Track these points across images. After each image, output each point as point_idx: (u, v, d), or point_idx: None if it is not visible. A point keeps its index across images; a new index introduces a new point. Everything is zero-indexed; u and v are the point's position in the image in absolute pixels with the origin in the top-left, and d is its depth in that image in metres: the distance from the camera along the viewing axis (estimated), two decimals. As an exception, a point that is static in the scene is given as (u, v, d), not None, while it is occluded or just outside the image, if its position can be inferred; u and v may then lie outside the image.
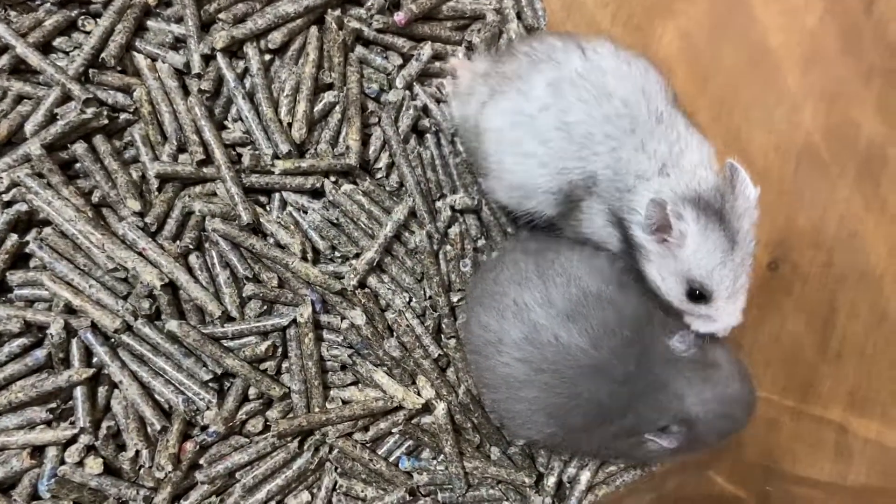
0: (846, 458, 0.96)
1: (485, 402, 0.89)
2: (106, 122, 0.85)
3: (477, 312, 0.83)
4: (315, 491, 0.87)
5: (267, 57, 0.91)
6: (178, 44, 0.91)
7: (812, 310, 1.02)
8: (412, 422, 0.90)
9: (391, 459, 0.90)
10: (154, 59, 0.90)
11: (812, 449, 0.98)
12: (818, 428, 0.99)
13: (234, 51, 0.91)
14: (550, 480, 0.91)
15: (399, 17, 0.95)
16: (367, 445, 0.89)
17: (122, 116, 0.88)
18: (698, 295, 0.72)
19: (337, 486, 0.88)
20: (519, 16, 1.04)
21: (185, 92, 0.89)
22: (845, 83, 1.04)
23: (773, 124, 1.07)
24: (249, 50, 0.89)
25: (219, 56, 0.88)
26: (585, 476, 0.91)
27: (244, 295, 0.86)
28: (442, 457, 0.90)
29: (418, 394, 0.89)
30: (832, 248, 1.02)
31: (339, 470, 0.88)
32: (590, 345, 0.74)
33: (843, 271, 1.01)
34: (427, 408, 0.89)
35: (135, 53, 0.89)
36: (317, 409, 0.86)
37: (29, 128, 0.83)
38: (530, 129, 0.77)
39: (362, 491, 0.87)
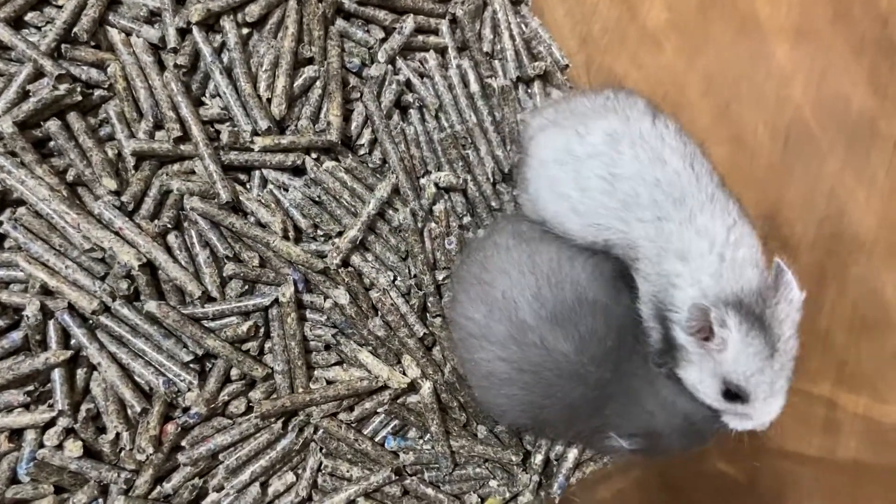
0: (834, 432, 0.95)
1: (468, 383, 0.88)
2: (80, 98, 0.83)
3: (462, 301, 0.81)
4: (300, 471, 0.86)
5: (245, 31, 0.89)
6: (152, 17, 0.89)
7: (801, 283, 1.01)
8: (398, 401, 0.89)
9: (377, 439, 0.89)
10: (128, 34, 0.88)
11: (801, 424, 0.98)
12: (807, 403, 0.98)
13: (210, 24, 0.89)
14: (538, 458, 0.90)
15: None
16: (353, 425, 0.88)
17: (97, 93, 0.86)
18: (734, 395, 0.68)
19: (322, 467, 0.87)
20: (504, -12, 1.02)
21: (161, 67, 0.87)
22: (836, 55, 1.02)
23: (762, 98, 1.05)
24: (226, 23, 0.87)
25: (195, 30, 0.86)
26: (573, 453, 0.91)
27: (225, 275, 0.85)
28: (428, 436, 0.89)
29: (404, 373, 0.88)
30: (822, 222, 1.01)
31: (324, 450, 0.87)
32: (573, 350, 0.73)
33: (832, 246, 1.00)
34: (413, 387, 0.88)
35: (108, 28, 0.87)
36: (300, 390, 0.85)
37: (0, 105, 0.80)
38: (572, 171, 0.74)
39: (348, 471, 0.87)
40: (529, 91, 1.05)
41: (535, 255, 0.78)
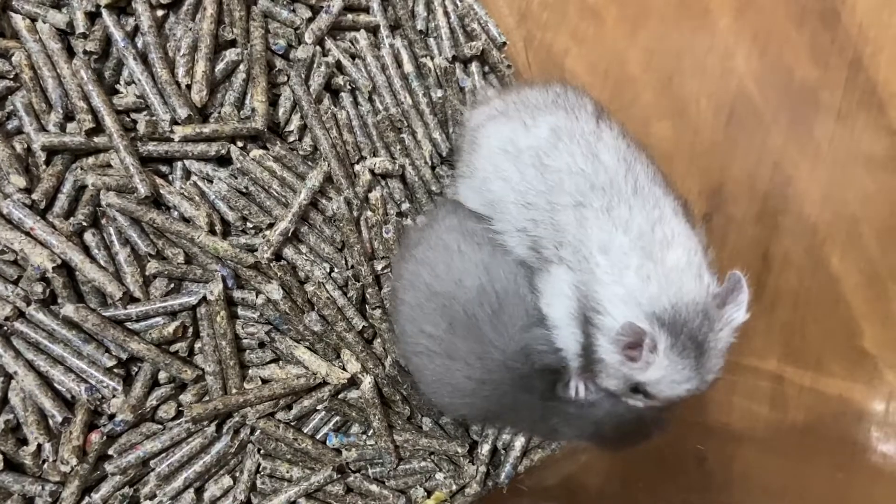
0: (782, 407, 0.95)
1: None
2: (-19, 90, 0.77)
3: (416, 316, 0.77)
4: (237, 474, 0.83)
5: (159, 13, 0.84)
6: (59, 1, 0.83)
7: (746, 260, 1.00)
8: (338, 397, 0.86)
9: (318, 437, 0.86)
10: (34, 19, 0.81)
11: (748, 400, 0.98)
12: (754, 379, 0.98)
13: (122, 7, 0.83)
14: (485, 448, 0.89)
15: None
16: (292, 424, 0.85)
17: (1, 84, 0.80)
18: (641, 392, 0.64)
19: (260, 469, 0.83)
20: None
21: (70, 54, 0.81)
22: (777, 26, 1.01)
23: (704, 71, 1.03)
24: (139, 5, 0.82)
25: (104, 13, 0.81)
26: (520, 441, 0.89)
27: (148, 273, 0.80)
28: (371, 431, 0.86)
29: (343, 368, 0.85)
30: (766, 196, 1.00)
31: (262, 451, 0.84)
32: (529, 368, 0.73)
33: (777, 220, 1.00)
34: (353, 382, 0.85)
35: (11, 13, 0.81)
36: (234, 391, 0.81)
37: None
38: (514, 159, 0.73)
39: (288, 471, 0.84)
40: (467, 70, 1.01)
41: (494, 271, 0.75)
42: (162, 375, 0.80)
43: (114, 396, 0.77)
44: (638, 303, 0.60)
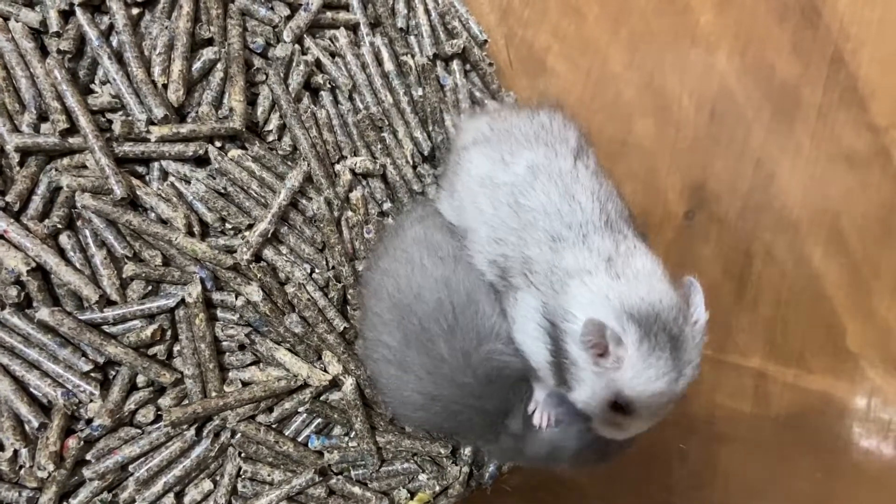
0: (764, 404, 0.96)
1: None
2: (-49, 90, 0.76)
3: (376, 324, 0.76)
4: (218, 478, 0.82)
5: (134, 11, 0.82)
6: (32, -1, 0.81)
7: (729, 257, 1.00)
8: (319, 399, 0.85)
9: (300, 439, 0.85)
10: (6, 18, 0.80)
11: (731, 397, 0.98)
12: (737, 375, 0.99)
13: (96, 5, 0.82)
14: (468, 449, 0.88)
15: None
16: (273, 427, 0.84)
17: (-27, 84, 0.78)
18: (619, 407, 0.62)
19: (241, 472, 0.83)
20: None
21: (44, 53, 0.80)
22: (759, 22, 1.00)
23: (687, 68, 1.03)
24: (113, 3, 0.80)
25: (78, 11, 0.79)
26: (503, 442, 0.89)
27: (125, 276, 0.79)
28: (353, 433, 0.85)
29: (324, 370, 0.84)
30: (748, 193, 1.00)
31: (242, 455, 0.83)
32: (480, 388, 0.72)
33: (759, 217, 1.00)
34: (335, 384, 0.85)
35: (-17, 12, 0.79)
36: (213, 394, 0.81)
37: None
38: (490, 193, 0.73)
39: (269, 475, 0.83)
40: (449, 69, 1.01)
41: (455, 296, 0.74)
42: (140, 379, 0.79)
43: (91, 401, 0.76)
44: (605, 302, 0.61)
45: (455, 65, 1.00)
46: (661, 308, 0.59)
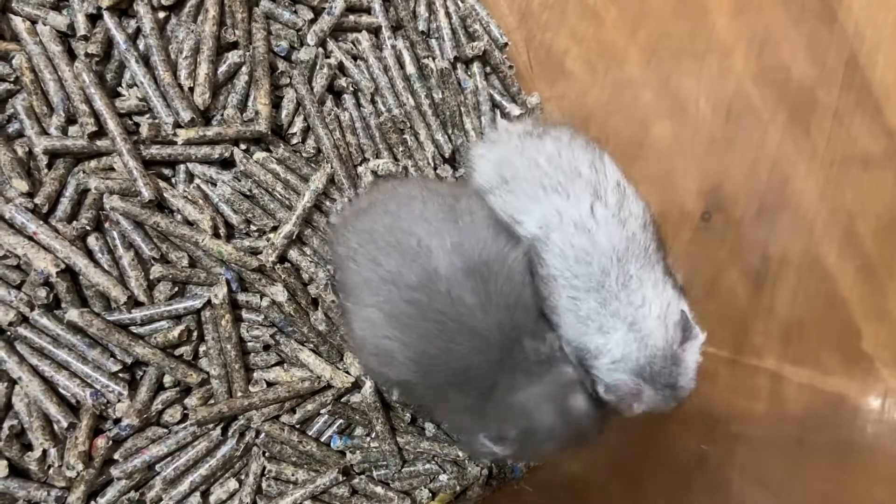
0: (781, 404, 0.96)
1: (351, 334, 0.79)
2: (-19, 93, 0.77)
3: (367, 247, 0.73)
4: (243, 477, 0.83)
5: (161, 14, 0.83)
6: (59, 3, 0.82)
7: (745, 259, 1.01)
8: (341, 401, 0.86)
9: (322, 439, 0.86)
10: (34, 22, 0.81)
11: (748, 398, 0.99)
12: (753, 377, 0.99)
13: (123, 9, 0.82)
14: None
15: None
16: (296, 427, 0.85)
17: (2, 87, 0.79)
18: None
19: (266, 471, 0.84)
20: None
21: (72, 57, 0.81)
22: (776, 25, 1.01)
23: (703, 71, 1.04)
24: (140, 7, 0.81)
25: (106, 15, 0.80)
26: (524, 442, 0.89)
27: (152, 277, 0.80)
28: (374, 434, 0.86)
29: (346, 371, 0.85)
30: (764, 194, 1.00)
31: (267, 454, 0.84)
32: (479, 307, 0.69)
33: (775, 218, 1.00)
34: (356, 385, 0.85)
35: (11, 16, 0.80)
36: (239, 394, 0.81)
37: None
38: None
39: (293, 474, 0.84)
40: (469, 71, 1.01)
41: (457, 204, 0.74)
42: (167, 379, 0.80)
43: (119, 401, 0.77)
44: (625, 361, 0.73)
45: (476, 67, 1.01)
46: (665, 359, 0.73)
